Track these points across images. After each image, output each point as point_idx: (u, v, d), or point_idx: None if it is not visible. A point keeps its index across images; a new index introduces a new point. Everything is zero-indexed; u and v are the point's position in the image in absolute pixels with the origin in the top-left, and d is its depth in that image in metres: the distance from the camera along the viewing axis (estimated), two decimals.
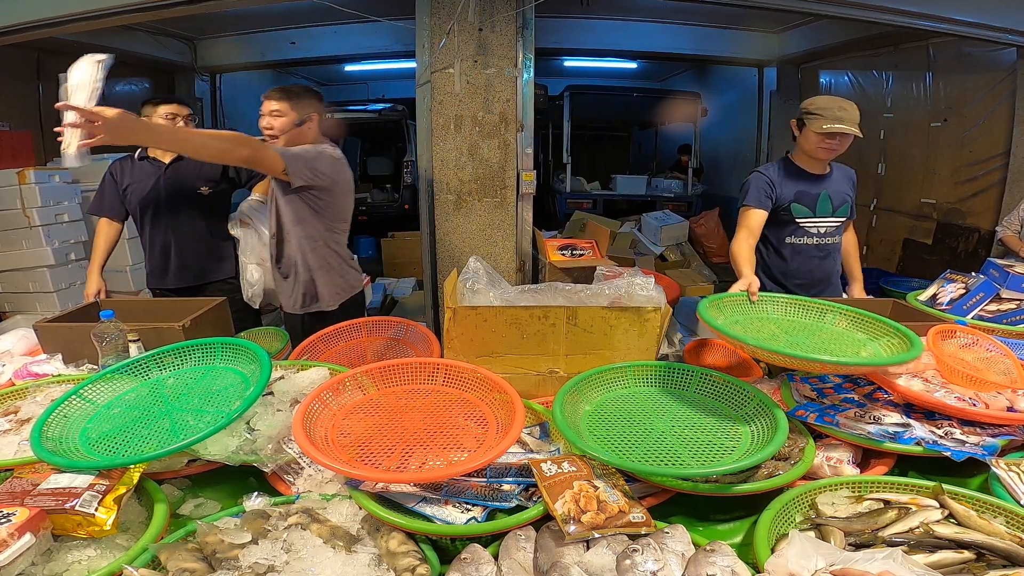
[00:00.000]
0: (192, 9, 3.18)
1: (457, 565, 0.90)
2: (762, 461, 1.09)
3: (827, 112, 1.98)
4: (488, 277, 1.67)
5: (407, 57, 5.65)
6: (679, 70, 8.24)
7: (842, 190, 2.15)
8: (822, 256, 2.17)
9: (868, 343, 1.42)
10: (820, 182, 2.12)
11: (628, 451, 1.17)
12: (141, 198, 2.41)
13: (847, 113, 1.97)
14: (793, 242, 2.15)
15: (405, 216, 7.07)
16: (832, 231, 2.16)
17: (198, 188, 2.42)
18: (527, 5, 2.98)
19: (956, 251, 4.51)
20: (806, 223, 2.12)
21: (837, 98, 2.02)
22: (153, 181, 2.40)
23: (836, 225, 2.16)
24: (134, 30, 5.30)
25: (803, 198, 2.11)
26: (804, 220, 2.12)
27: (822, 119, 1.98)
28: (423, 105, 3.11)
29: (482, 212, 3.22)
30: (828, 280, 2.21)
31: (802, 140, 2.08)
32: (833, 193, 2.13)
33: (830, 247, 2.18)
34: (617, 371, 1.42)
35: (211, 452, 1.12)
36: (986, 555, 0.93)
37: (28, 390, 1.45)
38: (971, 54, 4.26)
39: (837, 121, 1.96)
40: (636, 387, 1.41)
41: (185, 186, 2.41)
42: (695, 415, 1.29)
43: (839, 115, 1.97)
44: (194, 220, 2.45)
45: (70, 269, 3.94)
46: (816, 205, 2.12)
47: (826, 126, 1.97)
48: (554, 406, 1.24)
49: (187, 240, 2.45)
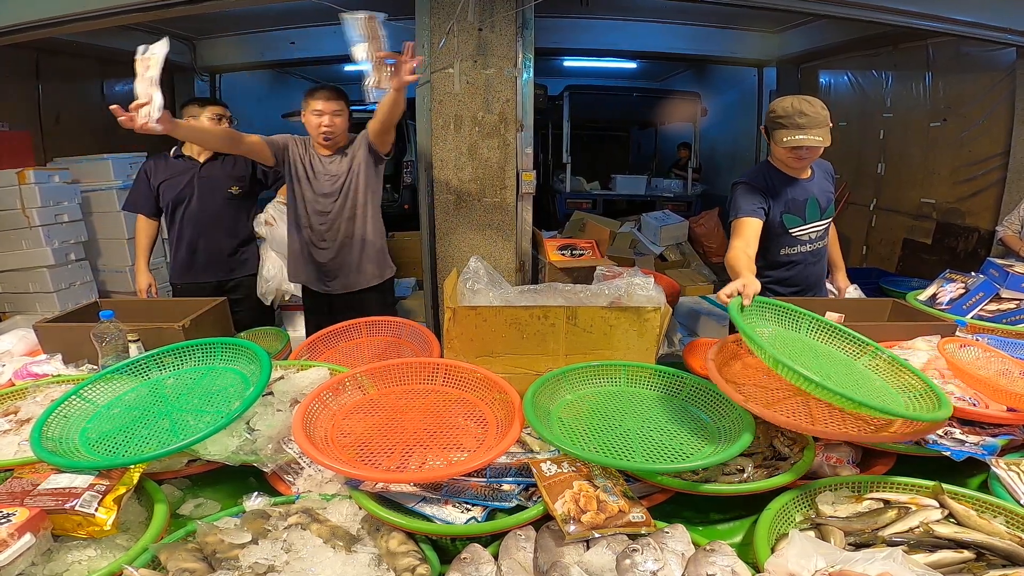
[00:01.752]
0: (192, 9, 3.18)
1: (457, 565, 0.90)
2: (688, 470, 1.12)
3: (788, 121, 1.85)
4: (489, 277, 1.67)
5: None
6: (678, 70, 8.24)
7: (825, 189, 2.08)
8: (815, 261, 2.12)
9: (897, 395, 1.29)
10: (805, 186, 2.02)
11: (584, 440, 1.18)
12: (175, 195, 2.50)
13: (808, 119, 1.81)
14: (788, 252, 2.07)
15: (405, 216, 7.08)
16: (822, 234, 2.11)
17: (229, 188, 2.53)
18: (527, 5, 2.98)
19: (956, 251, 4.51)
20: (798, 232, 2.04)
21: (800, 99, 1.84)
22: (187, 179, 2.50)
23: (825, 227, 2.12)
24: (134, 30, 5.30)
25: (792, 207, 2.01)
26: (796, 229, 2.03)
27: (784, 130, 1.86)
28: (423, 105, 3.11)
29: (482, 212, 3.22)
30: (820, 283, 2.20)
31: (773, 148, 1.98)
32: (819, 195, 2.05)
33: (821, 251, 2.14)
34: (611, 369, 1.42)
35: (211, 452, 1.12)
36: (986, 555, 0.93)
37: (28, 390, 1.45)
38: (970, 54, 4.26)
39: (798, 131, 1.83)
40: (626, 386, 1.41)
41: (217, 185, 2.52)
42: (668, 420, 1.27)
43: (799, 123, 1.82)
44: (222, 218, 2.56)
45: (70, 269, 3.93)
46: (805, 212, 2.03)
47: (787, 138, 1.85)
48: (532, 385, 1.25)
49: (215, 237, 2.57)
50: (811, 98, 1.86)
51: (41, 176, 3.78)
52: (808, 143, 1.83)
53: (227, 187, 2.54)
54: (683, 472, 1.13)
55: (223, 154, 2.53)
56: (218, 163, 2.55)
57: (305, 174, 2.31)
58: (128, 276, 3.96)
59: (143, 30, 5.40)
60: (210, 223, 2.56)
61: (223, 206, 2.56)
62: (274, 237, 2.71)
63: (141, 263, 2.61)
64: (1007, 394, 1.26)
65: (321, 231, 2.33)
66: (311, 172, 2.31)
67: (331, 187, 2.30)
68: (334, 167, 2.31)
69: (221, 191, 2.54)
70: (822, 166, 2.12)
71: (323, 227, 2.33)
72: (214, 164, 2.54)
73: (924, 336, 1.58)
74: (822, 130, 1.83)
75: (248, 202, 2.66)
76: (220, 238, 2.59)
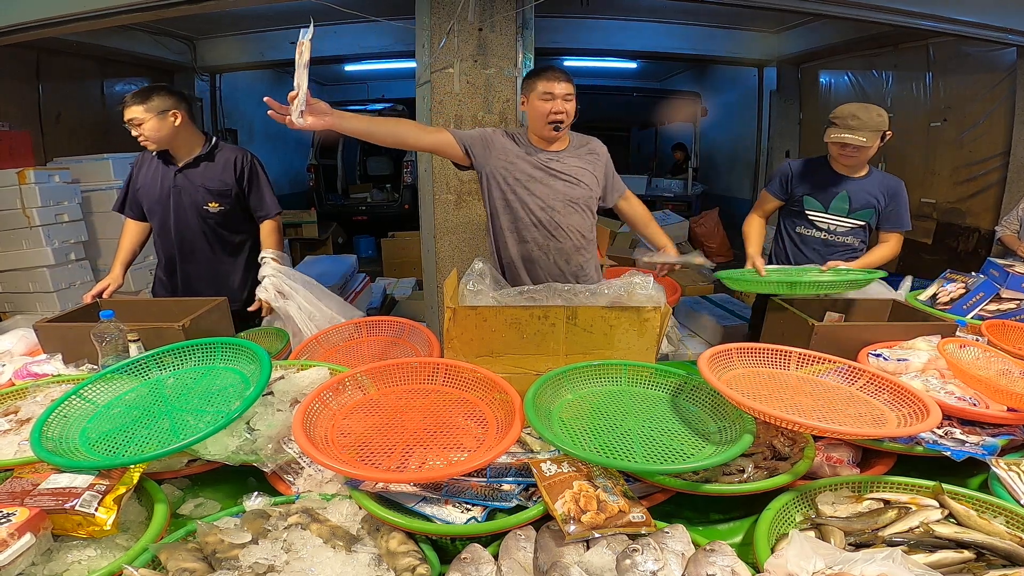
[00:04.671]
0: (192, 9, 3.18)
1: (457, 565, 0.90)
2: (689, 471, 1.11)
3: (839, 120, 2.04)
4: (492, 278, 1.67)
5: (407, 57, 5.66)
6: (679, 70, 8.25)
7: (870, 195, 2.14)
8: (829, 253, 2.18)
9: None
10: (844, 182, 2.15)
11: (585, 440, 1.17)
12: (150, 204, 2.20)
13: (859, 121, 1.99)
14: (801, 232, 2.26)
15: (405, 216, 7.09)
16: (845, 231, 2.18)
17: (206, 203, 2.16)
18: (527, 5, 2.98)
19: (956, 251, 4.51)
20: (815, 216, 2.21)
21: (860, 105, 2.03)
22: (162, 184, 2.17)
23: (851, 227, 2.17)
24: (134, 30, 5.31)
25: (818, 194, 2.19)
26: (813, 213, 2.21)
27: (833, 128, 2.04)
28: (423, 105, 3.11)
29: (482, 212, 3.22)
30: None
31: (827, 145, 2.16)
32: (855, 195, 2.14)
33: (839, 246, 2.19)
34: (612, 368, 1.41)
35: (211, 452, 1.12)
36: (986, 555, 0.93)
37: (28, 390, 1.45)
38: (971, 54, 4.26)
39: (846, 130, 2.01)
40: (627, 386, 1.40)
41: (194, 197, 2.16)
42: (669, 420, 1.27)
43: (850, 124, 2.01)
44: (200, 240, 2.20)
45: (70, 269, 3.94)
46: (830, 202, 2.17)
47: (834, 135, 2.03)
48: (534, 384, 1.25)
49: (194, 261, 2.23)
50: (871, 106, 2.04)
51: (41, 176, 3.79)
52: (845, 140, 2.01)
53: (204, 202, 2.16)
54: (684, 473, 1.13)
55: (208, 159, 2.16)
56: (197, 169, 2.14)
57: (527, 174, 1.95)
58: (130, 277, 3.95)
59: (143, 30, 5.42)
60: (186, 244, 2.19)
61: (200, 225, 2.17)
62: (289, 315, 2.02)
63: (117, 263, 2.23)
64: (1007, 394, 1.26)
65: (547, 237, 1.99)
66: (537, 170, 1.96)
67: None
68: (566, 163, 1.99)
69: (196, 207, 2.16)
70: (886, 180, 2.18)
71: (552, 231, 1.98)
72: (193, 171, 2.14)
73: (924, 336, 1.58)
74: (869, 133, 1.99)
75: (230, 223, 2.21)
76: (199, 264, 2.22)
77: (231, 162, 2.18)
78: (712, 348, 1.37)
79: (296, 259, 5.79)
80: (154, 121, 2.02)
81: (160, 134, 2.05)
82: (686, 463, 1.11)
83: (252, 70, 6.83)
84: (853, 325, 1.74)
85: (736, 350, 1.39)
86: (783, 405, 1.23)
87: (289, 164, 8.44)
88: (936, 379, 1.36)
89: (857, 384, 1.33)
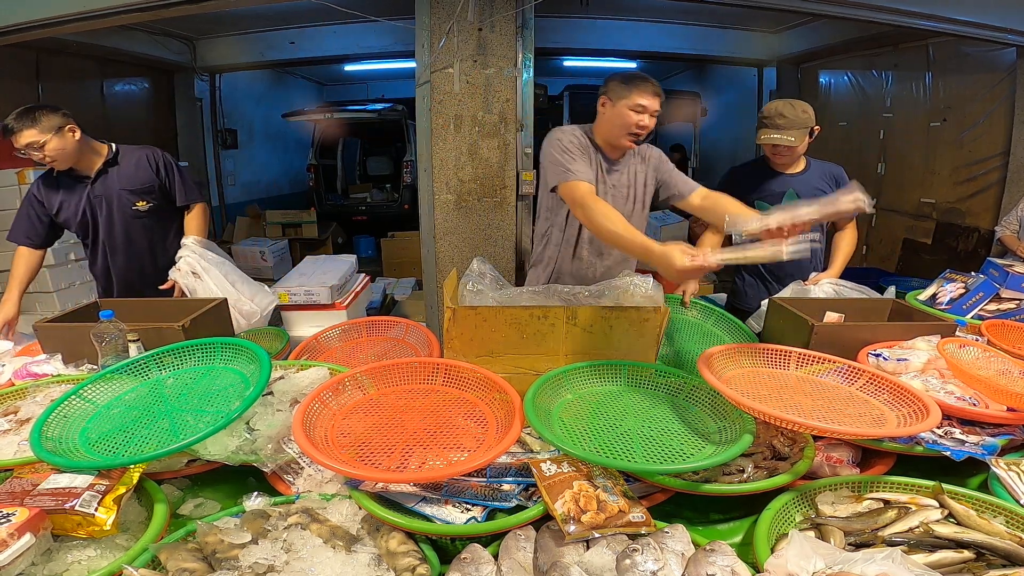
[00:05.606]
0: (192, 9, 3.18)
1: (457, 565, 0.90)
2: (689, 471, 1.11)
3: (768, 120, 2.05)
4: (491, 278, 1.67)
5: (407, 57, 5.65)
6: (679, 70, 8.25)
7: (815, 187, 2.15)
8: None
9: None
10: (788, 180, 2.17)
11: (585, 440, 1.18)
12: (76, 219, 2.18)
13: (786, 120, 1.99)
14: None
15: (405, 216, 7.10)
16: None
17: (133, 204, 2.18)
18: (527, 5, 2.98)
19: (956, 251, 4.51)
20: None
21: (785, 102, 2.04)
22: (79, 199, 2.16)
23: None
24: (134, 30, 5.30)
25: (767, 196, 2.18)
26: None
27: (763, 128, 2.06)
28: (423, 105, 3.11)
29: (482, 212, 3.22)
30: (798, 274, 2.19)
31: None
32: (801, 190, 2.14)
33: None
34: (612, 368, 1.42)
35: (211, 452, 1.12)
36: (986, 555, 0.93)
37: (28, 390, 1.45)
38: (970, 54, 4.26)
39: (774, 130, 2.02)
40: (627, 386, 1.41)
41: (118, 201, 2.17)
42: (669, 420, 1.27)
43: (777, 123, 2.01)
44: (134, 240, 2.22)
45: (70, 269, 3.93)
46: (780, 202, 2.15)
47: (763, 136, 2.05)
48: (533, 384, 1.26)
49: (129, 263, 2.25)
50: (797, 102, 2.03)
51: None
52: (774, 141, 2.03)
53: (130, 204, 2.18)
54: (684, 473, 1.13)
55: (114, 164, 2.16)
56: (112, 175, 2.16)
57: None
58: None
59: (143, 30, 5.42)
60: (119, 248, 2.22)
61: (131, 226, 2.20)
62: (198, 295, 2.05)
63: (12, 294, 2.15)
64: (1007, 394, 1.26)
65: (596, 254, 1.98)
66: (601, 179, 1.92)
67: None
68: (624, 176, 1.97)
69: (125, 208, 2.17)
70: (826, 168, 2.22)
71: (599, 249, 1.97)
72: (105, 178, 2.16)
73: (924, 336, 1.58)
74: (796, 132, 2.00)
75: (163, 219, 2.27)
76: (135, 264, 2.25)
77: (143, 160, 2.20)
78: (712, 348, 1.37)
79: (296, 259, 5.79)
80: (55, 140, 2.00)
81: (65, 151, 2.04)
82: (686, 463, 1.11)
83: (252, 70, 6.83)
84: (853, 325, 1.74)
85: (736, 350, 1.39)
86: (783, 405, 1.23)
87: (289, 164, 8.43)
88: (936, 379, 1.36)
89: (857, 384, 1.33)
